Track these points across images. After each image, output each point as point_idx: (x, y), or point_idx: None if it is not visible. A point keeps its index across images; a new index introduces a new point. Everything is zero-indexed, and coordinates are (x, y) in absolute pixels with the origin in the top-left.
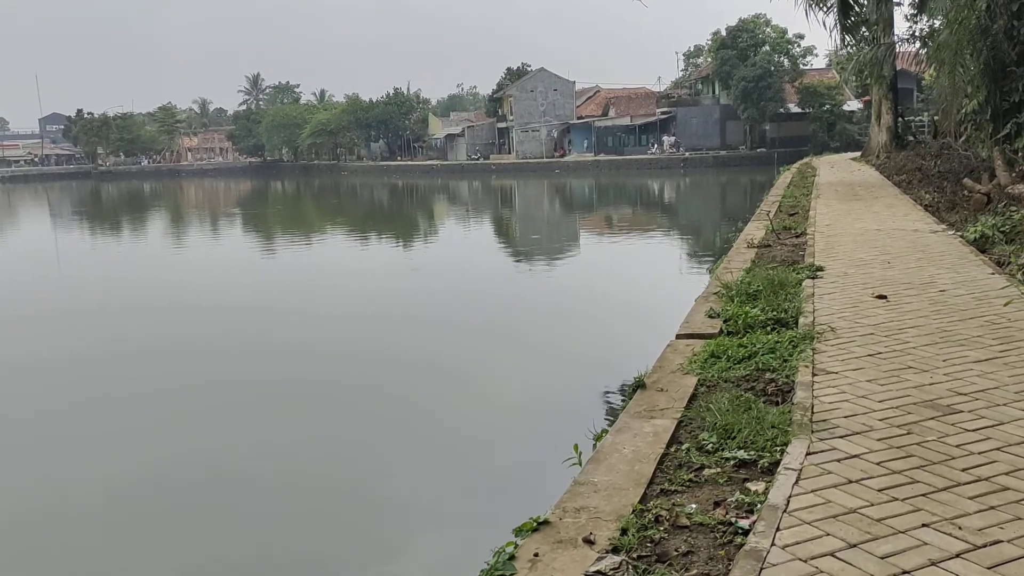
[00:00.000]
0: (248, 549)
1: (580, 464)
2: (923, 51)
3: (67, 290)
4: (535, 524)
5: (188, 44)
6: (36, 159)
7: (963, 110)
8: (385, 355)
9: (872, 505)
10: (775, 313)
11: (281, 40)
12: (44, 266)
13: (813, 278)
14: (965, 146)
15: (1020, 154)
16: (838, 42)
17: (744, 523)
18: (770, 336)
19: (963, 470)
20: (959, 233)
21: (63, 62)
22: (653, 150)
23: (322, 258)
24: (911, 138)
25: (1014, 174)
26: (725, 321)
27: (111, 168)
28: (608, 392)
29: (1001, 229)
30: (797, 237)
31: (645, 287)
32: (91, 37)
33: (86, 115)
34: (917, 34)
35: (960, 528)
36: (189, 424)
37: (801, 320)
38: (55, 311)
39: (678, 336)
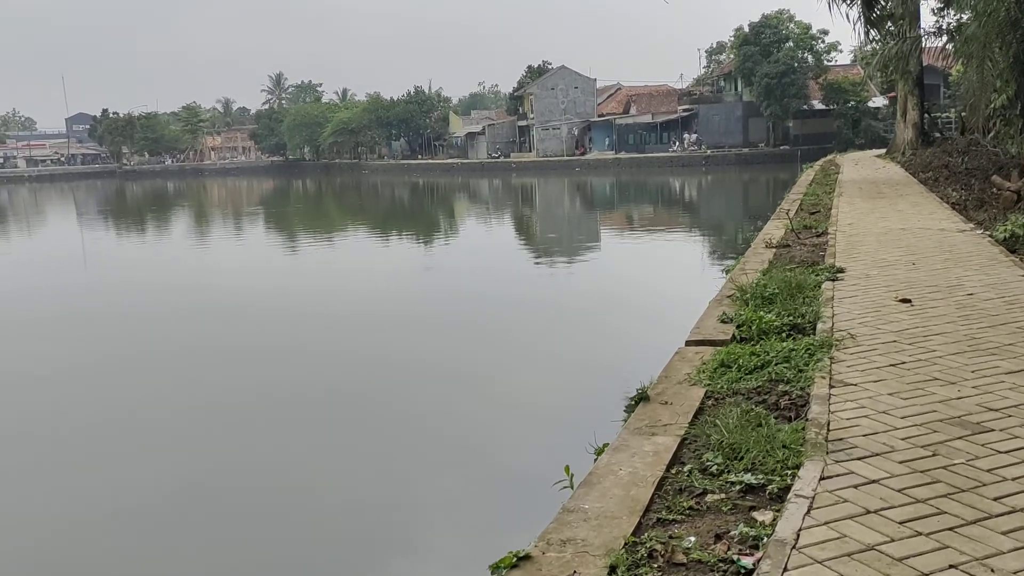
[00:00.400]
0: (242, 554)
1: (572, 487)
2: (950, 45)
3: (89, 294)
4: (514, 559)
5: (213, 44)
6: (62, 158)
7: (992, 105)
8: (392, 361)
9: (892, 541)
10: (791, 318)
11: (304, 40)
12: (70, 267)
13: (833, 280)
14: (994, 142)
15: None
16: (862, 36)
17: (747, 561)
18: (785, 343)
19: (995, 499)
20: (988, 232)
21: (90, 62)
22: (675, 148)
23: (343, 258)
24: (938, 135)
25: None
26: (738, 327)
27: (135, 167)
28: (617, 400)
29: None
30: (818, 236)
31: (662, 289)
32: (118, 38)
33: (111, 115)
34: (944, 28)
35: (992, 571)
36: (208, 428)
37: (819, 326)
38: (75, 315)
39: (687, 343)
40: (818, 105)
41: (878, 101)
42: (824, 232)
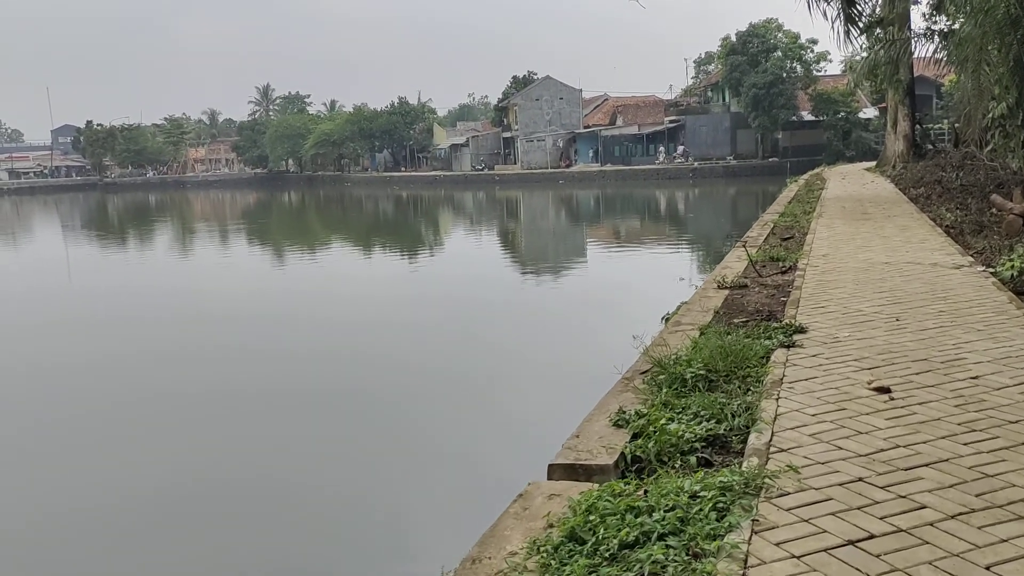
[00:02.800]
0: (227, 553)
1: None
2: (942, 49)
3: (73, 305)
4: None
5: (202, 54)
6: (45, 170)
7: (989, 115)
8: (377, 365)
9: None
10: (713, 423)
11: (294, 51)
12: (53, 278)
13: (788, 347)
14: (991, 156)
15: None
16: (842, 34)
17: None
18: (691, 481)
19: None
20: (990, 269)
21: (77, 74)
22: (661, 159)
23: (327, 271)
24: (930, 147)
25: None
26: (633, 438)
27: (116, 180)
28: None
29: None
30: (784, 273)
31: (631, 311)
32: (106, 49)
33: (96, 126)
34: (935, 30)
35: None
36: (190, 433)
37: (751, 440)
38: (62, 323)
39: (551, 468)
40: (807, 116)
41: (869, 112)
42: (792, 267)
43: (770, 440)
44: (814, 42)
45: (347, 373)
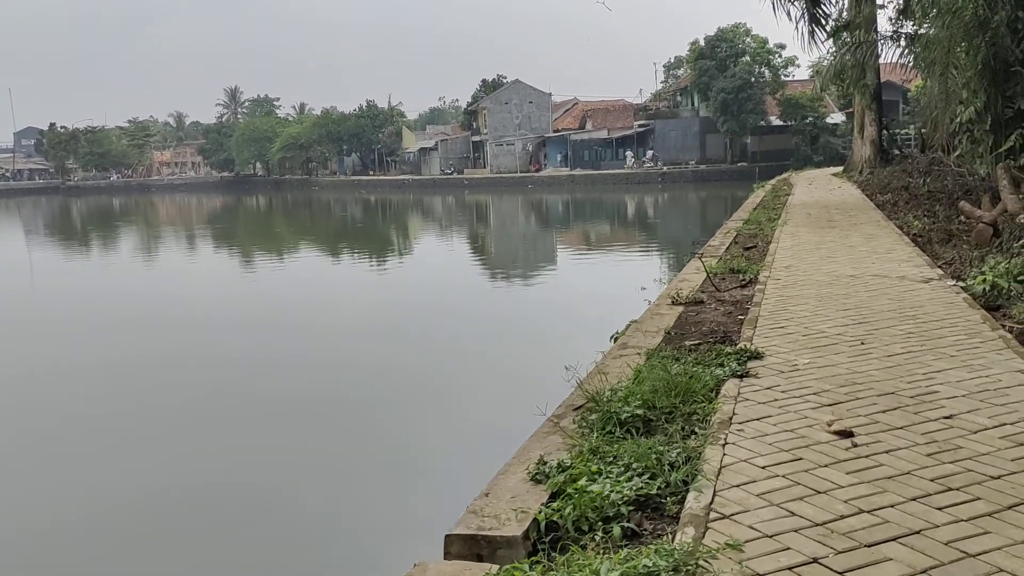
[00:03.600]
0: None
1: None
2: (909, 53)
3: (36, 312)
4: None
5: (172, 56)
6: (7, 173)
7: (957, 119)
8: (349, 367)
9: None
10: (646, 478)
11: (265, 53)
12: (15, 286)
13: (741, 376)
14: (959, 161)
15: None
16: (807, 35)
17: None
18: (607, 566)
19: None
20: (960, 283)
21: (44, 76)
22: (630, 163)
23: (290, 282)
24: (897, 152)
25: None
26: (552, 497)
27: (79, 183)
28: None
29: (1020, 278)
30: (744, 287)
31: (581, 336)
32: (75, 50)
33: (60, 128)
34: (902, 33)
35: None
36: (161, 440)
37: (690, 502)
38: (25, 331)
39: (448, 539)
40: (776, 121)
41: (836, 117)
42: (753, 280)
43: (711, 503)
44: (782, 47)
45: (310, 377)
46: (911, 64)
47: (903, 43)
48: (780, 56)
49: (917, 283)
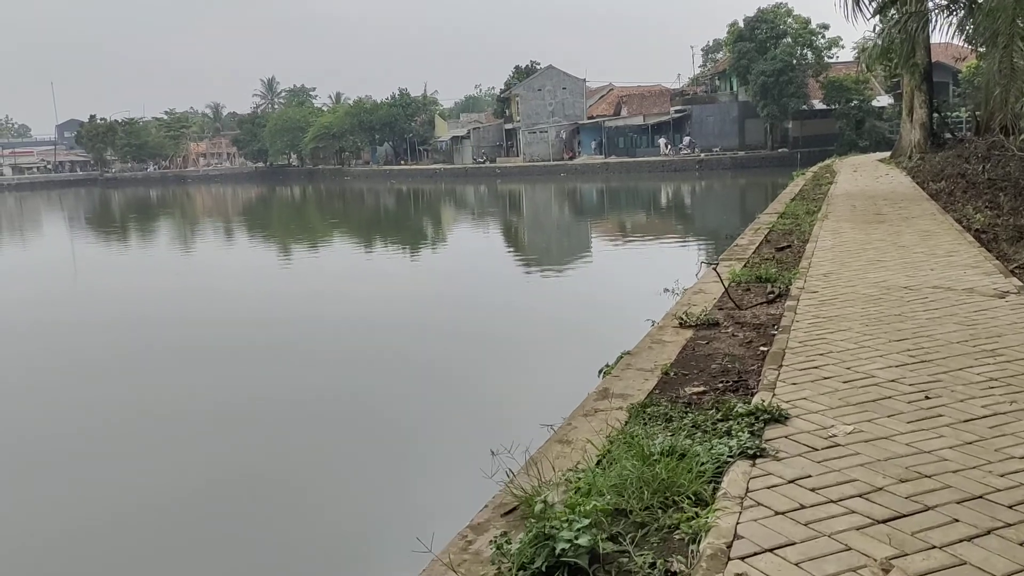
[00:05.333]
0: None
1: None
2: (966, 25)
3: (70, 306)
4: None
5: (210, 51)
6: (48, 165)
7: None
8: (379, 362)
9: None
10: None
11: (302, 46)
12: (60, 279)
13: (754, 456)
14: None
15: None
16: (851, 9)
17: None
18: None
19: None
20: None
21: (86, 69)
22: (665, 151)
23: (326, 275)
24: (949, 136)
25: None
26: None
27: (116, 175)
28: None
29: None
30: (771, 302)
31: (583, 357)
32: (115, 44)
33: (99, 120)
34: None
35: None
36: (194, 435)
37: None
38: (63, 324)
39: None
40: (819, 105)
41: (883, 100)
42: (783, 292)
43: None
44: (825, 27)
45: (335, 370)
46: (966, 39)
47: (959, 14)
48: (823, 37)
49: (989, 298)
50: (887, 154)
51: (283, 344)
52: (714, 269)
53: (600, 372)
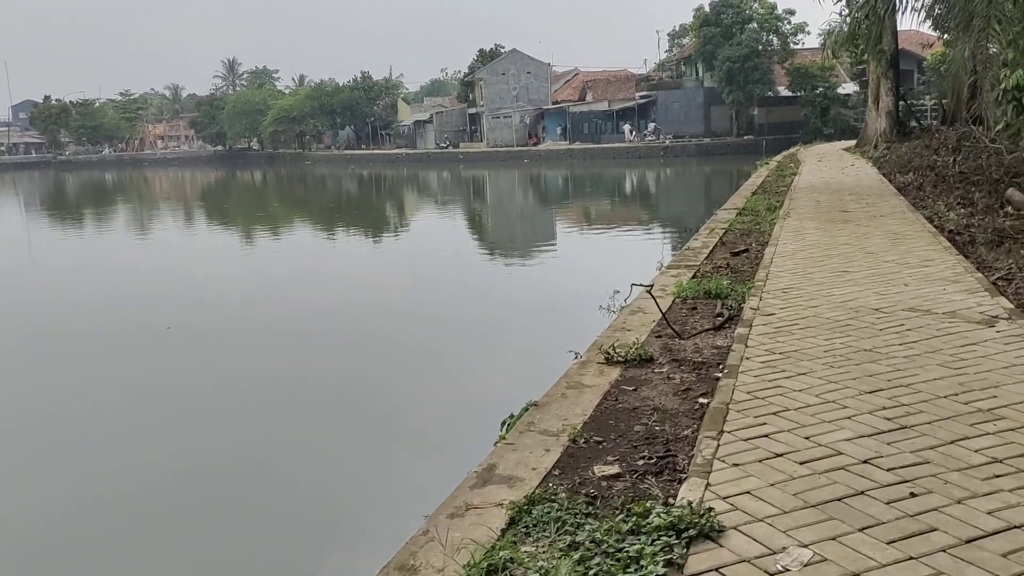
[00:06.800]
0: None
1: None
2: (936, 8)
3: (26, 289)
4: None
5: (173, 27)
6: (2, 147)
7: (1001, 85)
8: (348, 346)
9: None
10: None
11: (264, 26)
12: (14, 261)
13: None
14: (997, 136)
15: None
16: None
17: None
18: None
19: None
20: None
21: (43, 47)
22: (630, 137)
23: (287, 261)
24: (915, 124)
25: None
26: None
27: (71, 157)
28: None
29: None
30: (719, 328)
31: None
32: (74, 21)
33: (54, 101)
34: None
35: None
36: (159, 419)
37: None
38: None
39: None
40: (784, 91)
41: (848, 87)
42: (735, 312)
43: None
44: (791, 13)
45: (302, 353)
46: (934, 25)
47: None
48: (789, 22)
49: (977, 326)
50: (852, 142)
51: (244, 328)
52: (648, 292)
53: (502, 425)
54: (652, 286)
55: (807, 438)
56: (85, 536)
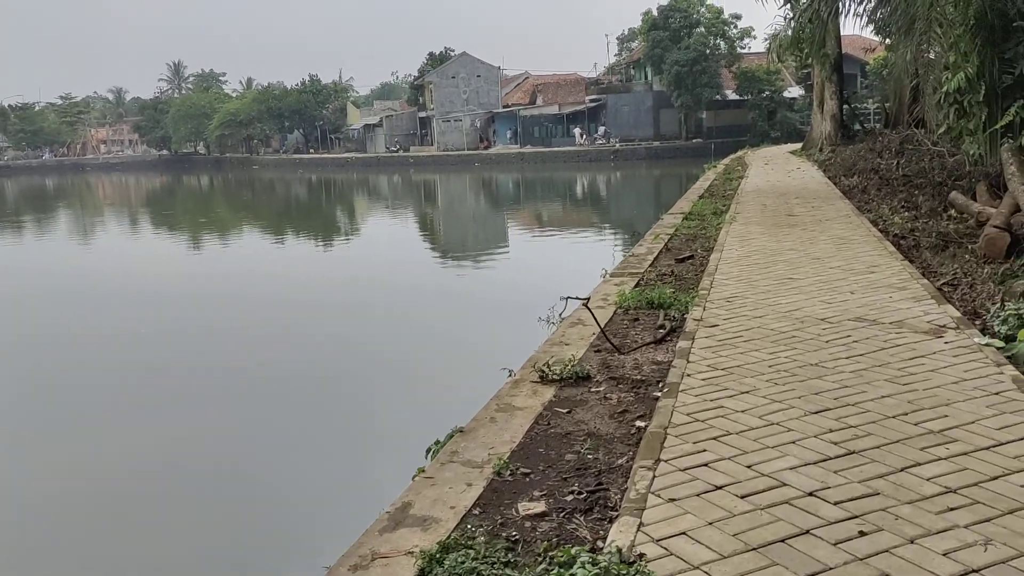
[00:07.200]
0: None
1: None
2: (880, 11)
3: None
4: None
5: (118, 29)
6: None
7: (943, 88)
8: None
9: None
10: None
11: (214, 27)
12: None
13: None
14: (939, 140)
15: None
16: None
17: None
18: None
19: None
20: (995, 343)
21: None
22: (583, 141)
23: (237, 267)
24: (859, 127)
25: None
26: None
27: (9, 163)
28: None
29: None
30: (660, 340)
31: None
32: (9, 24)
33: None
34: None
35: None
36: (113, 418)
37: None
38: None
39: None
40: (732, 95)
41: (794, 91)
42: (678, 324)
43: None
44: (738, 17)
45: (254, 353)
46: (876, 29)
47: (871, 2)
48: (736, 27)
49: (924, 336)
50: (799, 145)
51: (192, 329)
52: (585, 306)
53: (427, 452)
54: (589, 299)
55: (749, 467)
56: (44, 531)
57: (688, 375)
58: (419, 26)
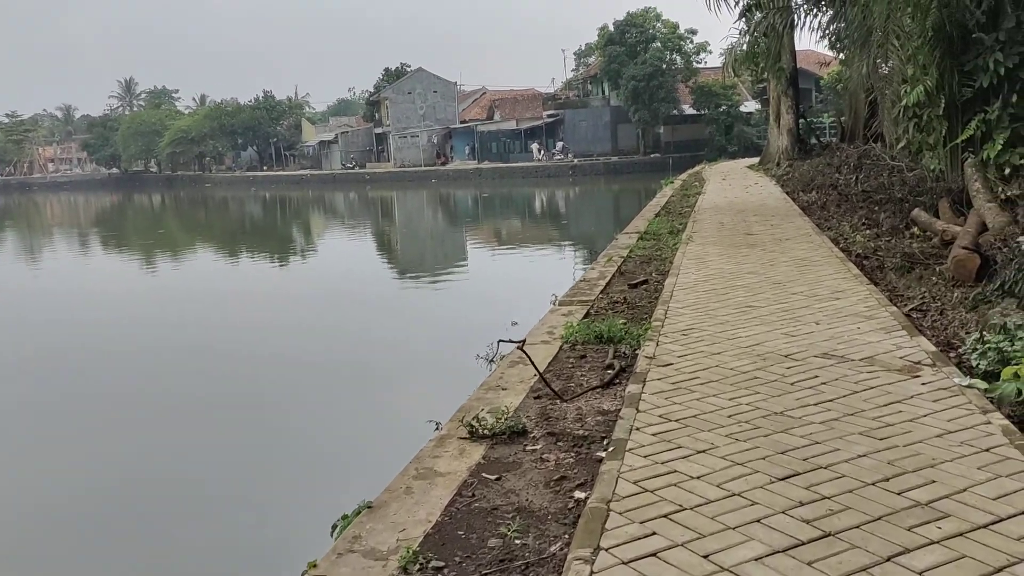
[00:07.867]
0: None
1: None
2: (836, 23)
3: None
4: None
5: (69, 46)
6: None
7: (902, 102)
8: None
9: None
10: None
11: (166, 43)
12: None
13: None
14: (898, 155)
15: (1008, 173)
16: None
17: None
18: None
19: None
20: (971, 378)
21: None
22: (538, 156)
23: (184, 290)
24: (815, 142)
25: (1014, 212)
26: None
27: None
28: None
29: None
30: (608, 384)
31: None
32: None
33: None
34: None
35: None
36: (66, 439)
37: None
38: None
39: None
40: (689, 110)
41: (750, 105)
42: (628, 363)
43: None
44: (694, 32)
45: (210, 373)
46: (830, 43)
47: (826, 14)
48: (692, 42)
49: (898, 375)
50: (756, 160)
51: (144, 348)
52: (521, 348)
53: (333, 529)
54: (524, 341)
55: (706, 557)
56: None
57: (637, 429)
58: (377, 42)
